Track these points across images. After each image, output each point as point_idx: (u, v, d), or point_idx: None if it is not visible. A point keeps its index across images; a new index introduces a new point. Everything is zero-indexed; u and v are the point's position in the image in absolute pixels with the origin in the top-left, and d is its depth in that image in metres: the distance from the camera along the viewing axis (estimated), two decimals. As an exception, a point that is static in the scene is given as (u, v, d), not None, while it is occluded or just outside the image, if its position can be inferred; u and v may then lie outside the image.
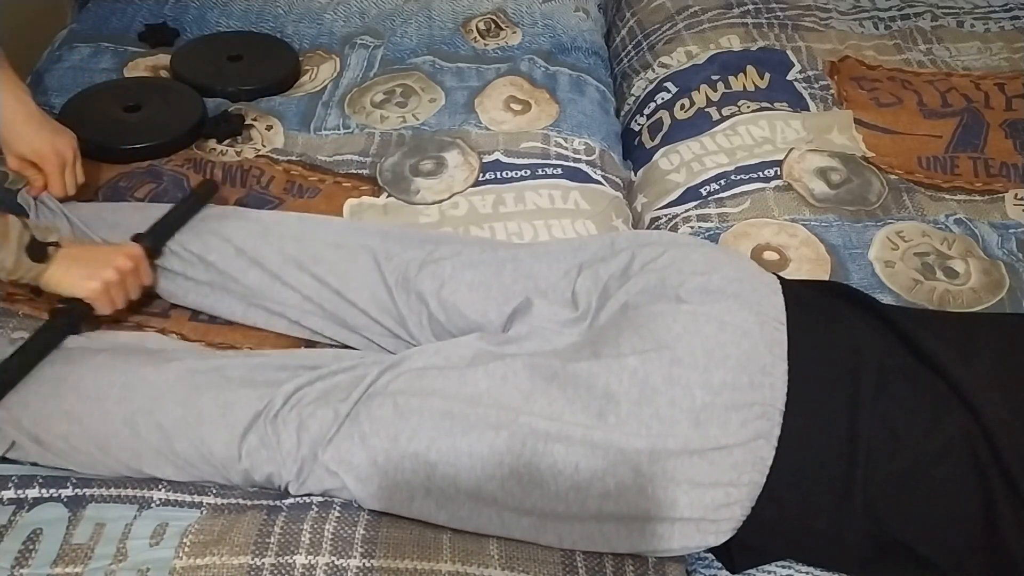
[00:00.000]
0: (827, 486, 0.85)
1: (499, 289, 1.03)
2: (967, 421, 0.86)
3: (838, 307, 0.97)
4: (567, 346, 0.95)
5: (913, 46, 1.72)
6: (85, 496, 0.88)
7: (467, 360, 0.92)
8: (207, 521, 0.87)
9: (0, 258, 0.97)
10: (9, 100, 1.13)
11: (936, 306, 1.17)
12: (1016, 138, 1.47)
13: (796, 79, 1.59)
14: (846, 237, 1.27)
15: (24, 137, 1.13)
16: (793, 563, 0.93)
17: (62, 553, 0.83)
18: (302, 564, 0.83)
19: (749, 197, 1.34)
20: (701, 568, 0.95)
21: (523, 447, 0.85)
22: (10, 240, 0.98)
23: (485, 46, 1.70)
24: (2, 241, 0.97)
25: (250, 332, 1.12)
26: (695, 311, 0.90)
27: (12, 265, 0.98)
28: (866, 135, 1.46)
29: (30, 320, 1.08)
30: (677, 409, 0.85)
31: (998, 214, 1.33)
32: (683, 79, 1.62)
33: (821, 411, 0.87)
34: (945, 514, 0.85)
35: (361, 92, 1.55)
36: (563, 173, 1.38)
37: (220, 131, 1.41)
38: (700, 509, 0.84)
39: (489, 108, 1.51)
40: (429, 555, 0.86)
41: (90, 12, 1.74)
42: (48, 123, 1.16)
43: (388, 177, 1.36)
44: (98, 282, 1.02)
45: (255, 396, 0.91)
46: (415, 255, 1.08)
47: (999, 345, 0.96)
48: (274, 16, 1.74)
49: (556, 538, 0.87)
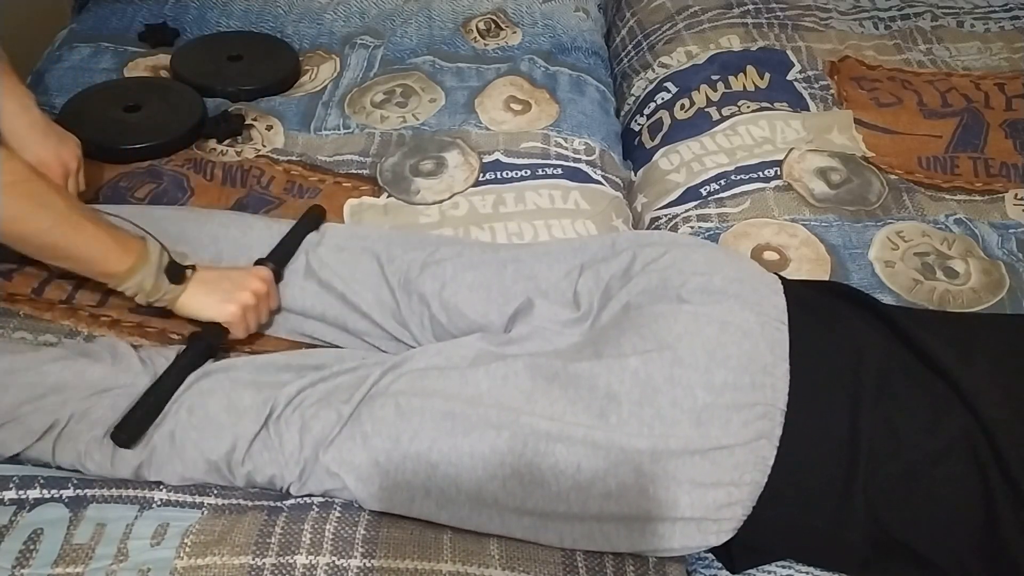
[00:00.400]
0: (828, 486, 0.86)
1: (500, 290, 1.03)
2: (968, 421, 0.86)
3: (839, 307, 0.97)
4: (568, 346, 0.95)
5: (913, 46, 1.72)
6: (86, 496, 0.88)
7: (468, 360, 0.92)
8: (208, 521, 0.87)
9: (139, 280, 0.96)
10: (13, 107, 1.12)
11: (936, 306, 1.17)
12: (1016, 138, 1.47)
13: (796, 79, 1.59)
14: (846, 237, 1.27)
15: (28, 146, 1.11)
16: (793, 563, 0.93)
17: (63, 553, 0.83)
18: (303, 564, 0.83)
19: (749, 197, 1.34)
20: (701, 568, 0.95)
21: (524, 447, 0.85)
22: (150, 262, 0.97)
23: (485, 46, 1.70)
24: (140, 263, 0.96)
25: (251, 334, 1.12)
26: (696, 311, 0.90)
27: (151, 288, 0.97)
28: (866, 135, 1.46)
29: (31, 320, 1.08)
30: (679, 409, 0.85)
31: (998, 214, 1.33)
32: (683, 79, 1.62)
33: (822, 411, 0.87)
34: (945, 514, 0.85)
35: (361, 92, 1.55)
36: (563, 173, 1.38)
37: (220, 131, 1.41)
38: (701, 509, 0.84)
39: (489, 108, 1.51)
40: (430, 555, 0.86)
41: (90, 12, 1.73)
42: (53, 131, 1.15)
43: (388, 177, 1.36)
44: (236, 306, 1.01)
45: (259, 399, 0.91)
46: (416, 256, 1.08)
47: (999, 345, 0.96)
48: (274, 16, 1.74)
49: (557, 538, 0.87)
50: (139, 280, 0.97)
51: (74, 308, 1.09)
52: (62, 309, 1.09)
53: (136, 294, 0.98)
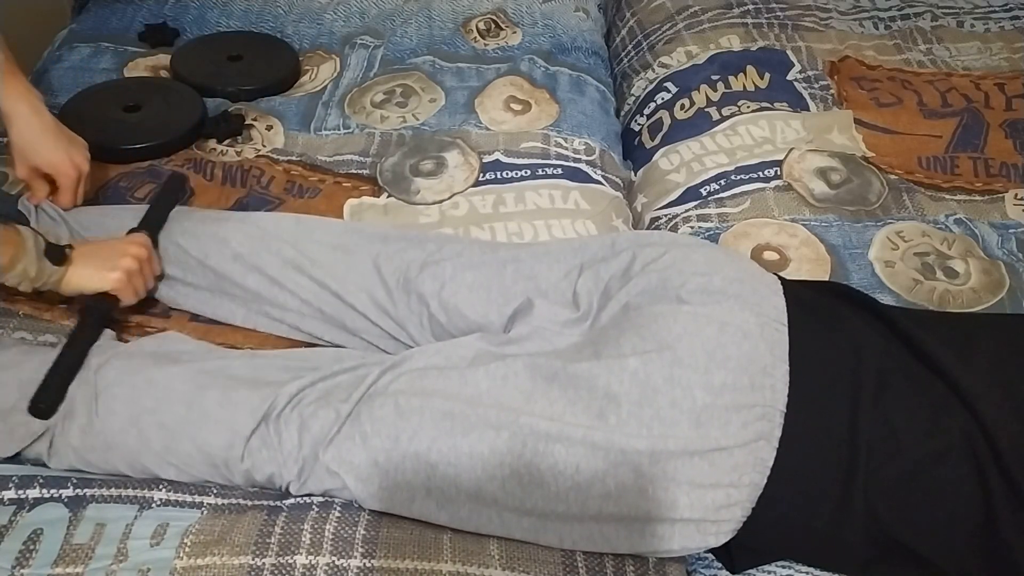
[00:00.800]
0: (827, 487, 0.85)
1: (500, 290, 1.03)
2: (967, 421, 0.86)
3: (839, 308, 0.97)
4: (568, 347, 0.95)
5: (913, 46, 1.72)
6: (86, 496, 0.88)
7: (468, 360, 0.92)
8: (208, 521, 0.87)
9: (22, 269, 0.97)
10: (24, 110, 1.12)
11: (936, 306, 1.17)
12: (1016, 138, 1.47)
13: (796, 79, 1.59)
14: (846, 237, 1.27)
15: (40, 150, 1.12)
16: (793, 563, 0.93)
17: (63, 553, 0.83)
18: (303, 564, 0.83)
19: (749, 197, 1.34)
20: (701, 568, 0.95)
21: (524, 447, 0.85)
22: (28, 249, 0.97)
23: (485, 46, 1.70)
24: (20, 252, 0.96)
25: (251, 333, 1.12)
26: (696, 312, 0.90)
27: (36, 273, 0.98)
28: (866, 135, 1.46)
29: (30, 320, 1.08)
30: (678, 410, 0.84)
31: (998, 214, 1.33)
32: (683, 79, 1.62)
33: (822, 412, 0.87)
34: (945, 515, 0.85)
35: (361, 92, 1.55)
36: (563, 173, 1.38)
37: (220, 131, 1.41)
38: (701, 510, 0.84)
39: (489, 108, 1.51)
40: (430, 555, 0.86)
41: (90, 12, 1.74)
42: (63, 134, 1.16)
43: (388, 177, 1.36)
44: (120, 272, 1.02)
45: (258, 397, 0.91)
46: (415, 256, 1.07)
47: (999, 345, 0.95)
48: (274, 16, 1.74)
49: (556, 538, 0.87)
50: (22, 269, 0.97)
51: (74, 308, 1.09)
52: (62, 309, 1.10)
53: (20, 282, 0.98)
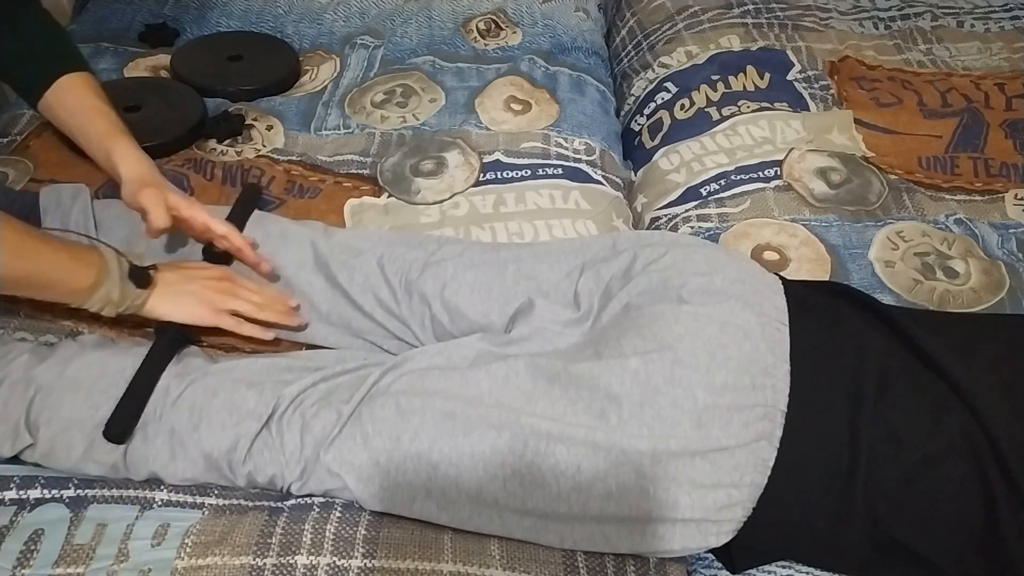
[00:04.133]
0: (828, 487, 0.86)
1: (501, 290, 1.03)
2: (968, 422, 0.86)
3: (839, 308, 0.97)
4: (569, 347, 0.95)
5: (913, 46, 1.72)
6: (87, 497, 0.88)
7: (469, 361, 0.93)
8: (209, 522, 0.87)
9: (106, 291, 0.91)
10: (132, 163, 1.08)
11: (936, 306, 1.17)
12: (1016, 138, 1.47)
13: (796, 79, 1.59)
14: (846, 237, 1.27)
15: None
16: (793, 563, 0.93)
17: (63, 554, 0.83)
18: (304, 564, 0.83)
19: (749, 197, 1.34)
20: (702, 568, 0.95)
21: (525, 448, 0.85)
22: (111, 270, 0.91)
23: (485, 46, 1.70)
24: (102, 275, 0.90)
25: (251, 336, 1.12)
26: (697, 312, 0.90)
27: (119, 296, 0.92)
28: (866, 135, 1.47)
29: (31, 320, 1.08)
30: (679, 410, 0.85)
31: (998, 214, 1.33)
32: (683, 79, 1.62)
33: (823, 412, 0.87)
34: (946, 515, 0.85)
35: (361, 92, 1.55)
36: (563, 173, 1.38)
37: (220, 131, 1.41)
38: (702, 510, 0.84)
39: (489, 108, 1.51)
40: (430, 555, 0.86)
41: (90, 12, 1.74)
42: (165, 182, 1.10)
43: (389, 177, 1.36)
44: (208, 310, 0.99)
45: (261, 399, 0.91)
46: (417, 256, 1.08)
47: (999, 346, 0.96)
48: (274, 16, 1.74)
49: (557, 538, 0.87)
50: (105, 292, 0.92)
51: (74, 308, 1.09)
52: (62, 309, 1.09)
53: (103, 307, 0.94)
